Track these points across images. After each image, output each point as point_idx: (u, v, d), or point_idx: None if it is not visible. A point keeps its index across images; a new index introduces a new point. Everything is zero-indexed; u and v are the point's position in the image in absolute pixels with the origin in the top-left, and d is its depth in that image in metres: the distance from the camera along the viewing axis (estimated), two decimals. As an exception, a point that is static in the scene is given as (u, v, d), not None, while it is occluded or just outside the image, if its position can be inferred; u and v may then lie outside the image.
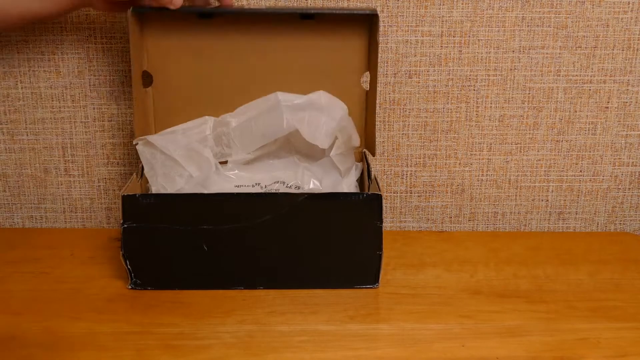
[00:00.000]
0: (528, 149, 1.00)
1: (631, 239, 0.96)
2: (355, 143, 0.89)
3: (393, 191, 1.01)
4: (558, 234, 1.00)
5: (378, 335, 0.70)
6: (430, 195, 1.01)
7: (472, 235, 0.98)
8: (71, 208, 1.02)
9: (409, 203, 1.02)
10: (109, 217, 1.02)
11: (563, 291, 0.80)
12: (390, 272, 0.84)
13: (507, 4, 0.94)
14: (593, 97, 0.98)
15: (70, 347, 0.67)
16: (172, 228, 0.76)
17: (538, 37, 0.95)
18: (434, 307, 0.75)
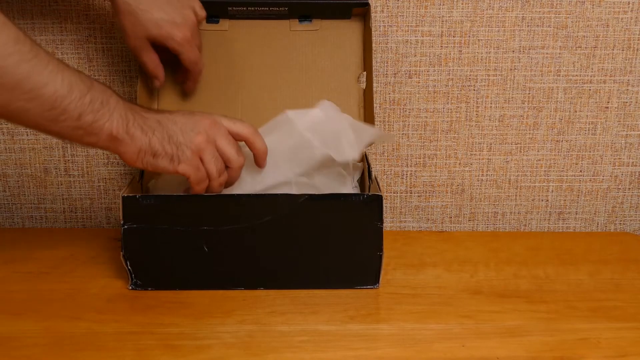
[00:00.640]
0: (528, 149, 1.00)
1: (631, 239, 0.96)
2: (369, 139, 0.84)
3: (393, 191, 1.01)
4: (558, 234, 1.00)
5: (378, 335, 0.70)
6: (430, 195, 1.01)
7: (473, 235, 0.98)
8: (71, 208, 1.02)
9: (409, 203, 1.02)
10: (109, 217, 1.02)
11: (563, 291, 0.80)
12: (390, 272, 0.84)
13: (507, 4, 0.94)
14: (593, 97, 0.98)
15: (70, 347, 0.67)
16: (173, 229, 0.76)
17: (538, 37, 0.95)
18: (434, 307, 0.75)
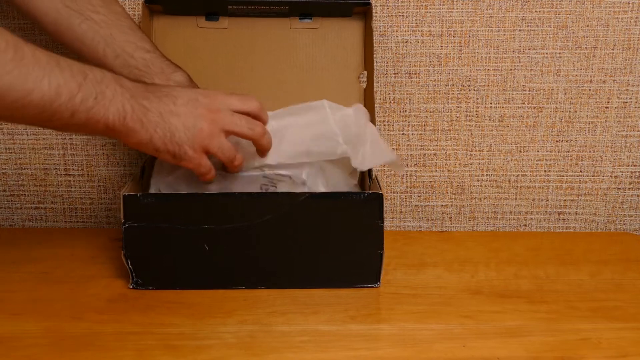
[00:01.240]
0: (528, 149, 1.00)
1: (631, 239, 0.96)
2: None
3: (393, 191, 1.01)
4: (558, 234, 1.00)
5: (379, 335, 0.70)
6: (430, 195, 1.01)
7: (473, 235, 0.98)
8: (71, 208, 1.01)
9: (409, 203, 1.02)
10: (109, 217, 1.02)
11: (564, 291, 0.80)
12: (391, 272, 0.83)
13: (507, 4, 0.94)
14: (593, 97, 0.98)
15: (70, 347, 0.67)
16: (173, 228, 0.76)
17: (538, 37, 0.95)
18: (435, 307, 0.75)
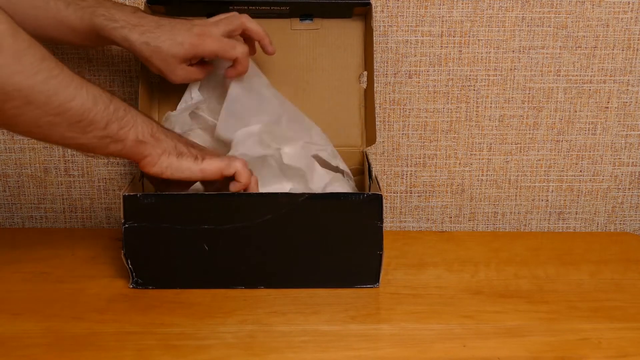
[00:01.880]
0: (528, 149, 1.00)
1: (632, 239, 0.96)
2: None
3: (393, 191, 1.01)
4: (558, 234, 1.00)
5: (379, 335, 0.70)
6: (430, 195, 1.01)
7: (473, 235, 0.98)
8: (71, 208, 1.01)
9: (409, 203, 1.02)
10: (109, 217, 1.02)
11: (564, 291, 0.80)
12: (391, 272, 0.84)
13: (507, 4, 0.94)
14: (593, 97, 0.98)
15: (71, 347, 0.67)
16: (173, 227, 0.76)
17: (538, 37, 0.95)
18: (435, 307, 0.75)
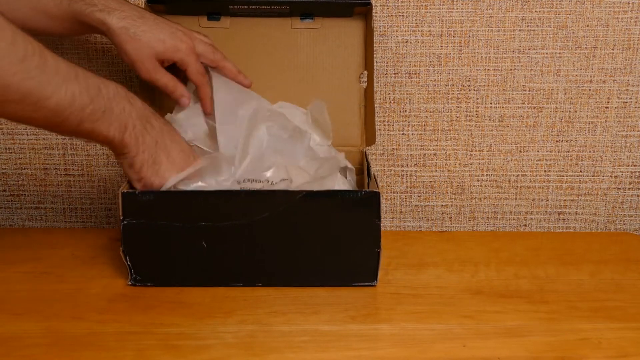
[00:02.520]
0: (528, 149, 1.00)
1: (632, 239, 0.96)
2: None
3: (393, 191, 1.01)
4: (558, 234, 1.00)
5: (379, 335, 0.70)
6: (430, 195, 1.01)
7: (473, 235, 0.98)
8: (71, 208, 1.01)
9: (409, 203, 1.02)
10: (109, 217, 1.02)
11: (564, 291, 0.80)
12: (391, 272, 0.84)
13: (507, 4, 0.94)
14: (593, 97, 0.98)
15: (71, 347, 0.67)
16: (172, 224, 0.76)
17: (538, 37, 0.95)
18: (435, 307, 0.75)
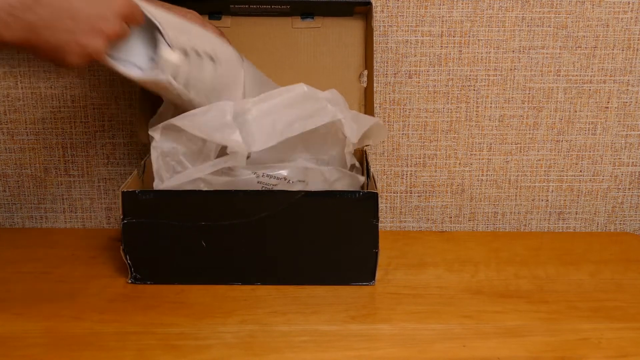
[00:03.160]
0: (528, 149, 1.00)
1: (632, 239, 0.96)
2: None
3: (393, 191, 1.01)
4: (558, 234, 1.00)
5: (379, 335, 0.70)
6: (430, 195, 1.01)
7: (473, 235, 0.98)
8: (71, 208, 1.01)
9: (409, 203, 1.02)
10: (109, 217, 1.02)
11: (564, 291, 0.80)
12: (391, 272, 0.84)
13: (507, 4, 0.94)
14: (593, 97, 0.98)
15: (71, 347, 0.67)
16: (171, 223, 0.77)
17: (538, 37, 0.95)
18: (435, 307, 0.76)
